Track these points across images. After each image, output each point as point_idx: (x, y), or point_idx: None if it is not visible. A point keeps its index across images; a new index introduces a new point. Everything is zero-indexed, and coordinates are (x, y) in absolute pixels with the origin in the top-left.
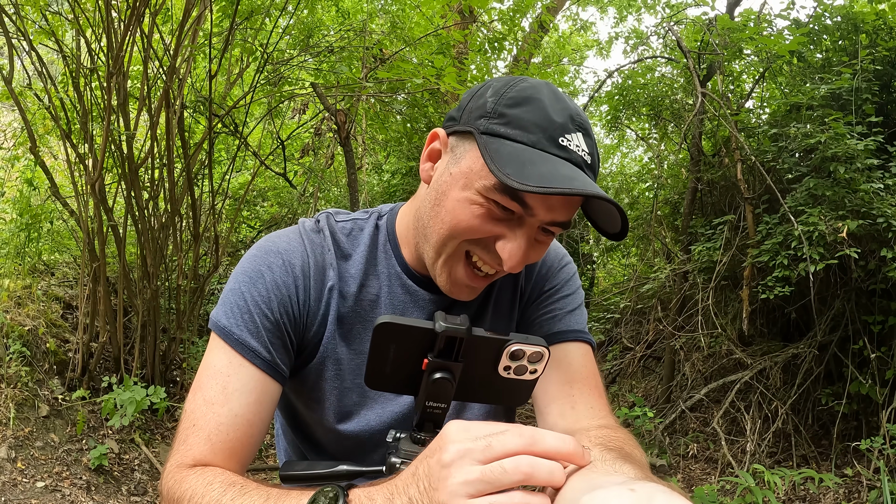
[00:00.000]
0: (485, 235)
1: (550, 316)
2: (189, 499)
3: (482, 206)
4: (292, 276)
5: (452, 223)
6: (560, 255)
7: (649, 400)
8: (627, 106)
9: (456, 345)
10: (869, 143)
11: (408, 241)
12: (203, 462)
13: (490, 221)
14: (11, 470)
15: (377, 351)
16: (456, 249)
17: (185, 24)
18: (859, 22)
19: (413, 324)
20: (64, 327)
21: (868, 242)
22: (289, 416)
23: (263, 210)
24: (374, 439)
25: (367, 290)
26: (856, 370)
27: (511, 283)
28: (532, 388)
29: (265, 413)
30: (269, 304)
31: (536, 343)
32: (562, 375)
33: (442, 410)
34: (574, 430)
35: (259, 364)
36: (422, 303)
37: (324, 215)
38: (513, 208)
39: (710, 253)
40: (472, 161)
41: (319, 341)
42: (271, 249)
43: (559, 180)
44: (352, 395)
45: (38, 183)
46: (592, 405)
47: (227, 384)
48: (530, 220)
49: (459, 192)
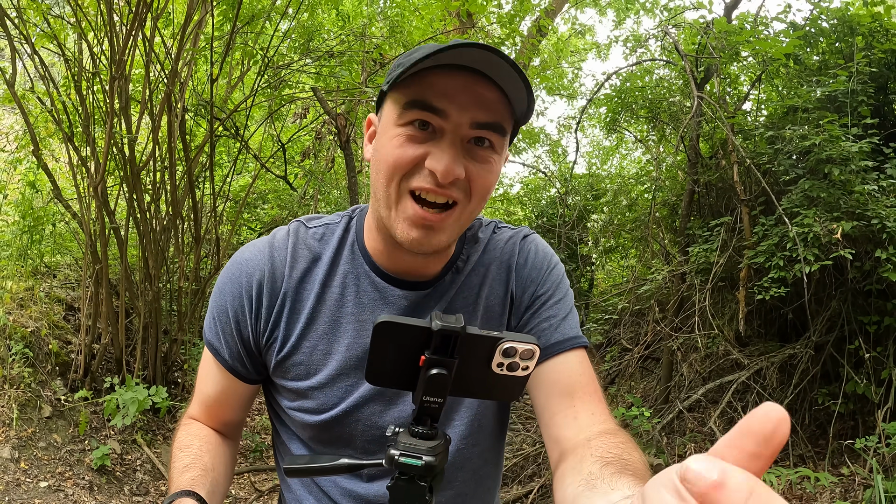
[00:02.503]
0: (413, 161)
1: (546, 325)
2: (175, 441)
3: (402, 136)
4: (246, 287)
5: (387, 168)
6: (548, 257)
7: (647, 400)
8: (626, 108)
9: (451, 342)
10: (864, 145)
11: (372, 234)
12: (195, 417)
13: (412, 145)
14: (15, 470)
15: (377, 348)
16: (398, 191)
17: (186, 28)
18: (855, 24)
19: (411, 322)
20: (66, 329)
21: (863, 243)
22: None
23: (264, 212)
24: (348, 428)
25: (330, 290)
26: (852, 370)
27: (502, 285)
28: (524, 384)
29: (235, 400)
30: (226, 315)
31: (528, 341)
32: (563, 388)
33: (438, 405)
34: (577, 440)
35: (223, 364)
36: (391, 299)
37: (295, 223)
38: (426, 118)
39: (707, 254)
40: (387, 111)
41: (285, 343)
42: (235, 261)
43: (445, 50)
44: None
45: (40, 186)
46: (593, 411)
47: (207, 372)
48: (450, 128)
49: (385, 141)
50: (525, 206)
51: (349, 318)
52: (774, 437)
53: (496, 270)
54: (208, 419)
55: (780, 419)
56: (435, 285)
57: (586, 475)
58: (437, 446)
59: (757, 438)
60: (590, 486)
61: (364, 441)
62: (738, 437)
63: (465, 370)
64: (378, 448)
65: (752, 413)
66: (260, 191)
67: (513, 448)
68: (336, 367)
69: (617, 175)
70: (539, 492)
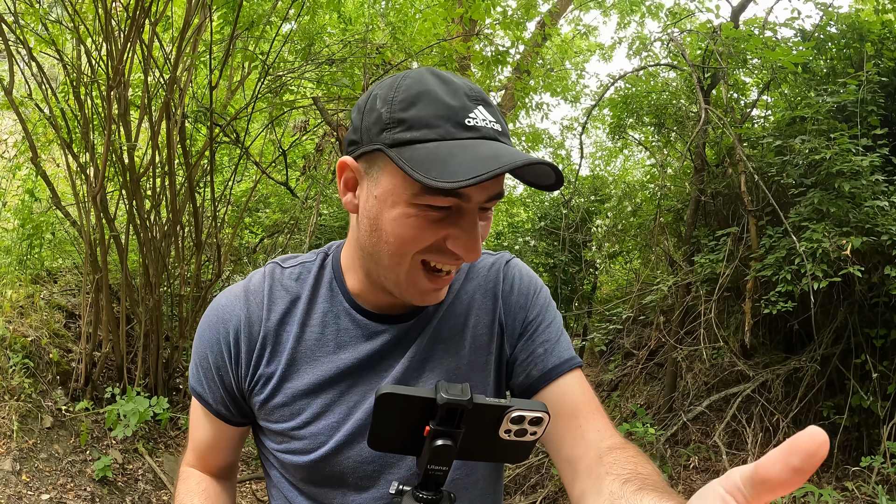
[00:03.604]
0: (432, 241)
1: (542, 351)
2: (176, 498)
3: (418, 217)
4: (223, 335)
5: (397, 243)
6: (533, 281)
7: (651, 408)
8: (631, 113)
9: (457, 414)
10: (874, 158)
11: (354, 273)
12: (190, 463)
13: (432, 226)
14: (16, 483)
15: (380, 419)
16: (411, 264)
17: (185, 34)
18: (865, 31)
19: (414, 393)
20: (67, 337)
21: (872, 257)
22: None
23: (266, 217)
24: (344, 470)
25: (310, 329)
26: (857, 383)
27: (488, 314)
28: (532, 447)
29: (226, 443)
30: (207, 362)
31: (537, 409)
32: (567, 410)
33: (443, 472)
34: (589, 458)
35: (209, 409)
36: (372, 334)
37: (271, 265)
38: (448, 204)
39: (713, 265)
40: (391, 177)
41: (266, 386)
42: (213, 307)
43: (487, 162)
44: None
45: (39, 193)
46: (599, 428)
47: (196, 418)
48: (468, 207)
49: (391, 211)
50: (528, 208)
51: (330, 356)
52: (816, 455)
53: (481, 298)
54: (203, 466)
55: (823, 441)
56: (418, 316)
57: (608, 495)
58: None
59: (801, 456)
60: None
61: (356, 478)
62: (785, 453)
63: (472, 437)
64: (371, 484)
65: (800, 433)
66: (261, 195)
67: None
68: (320, 406)
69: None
70: (542, 503)
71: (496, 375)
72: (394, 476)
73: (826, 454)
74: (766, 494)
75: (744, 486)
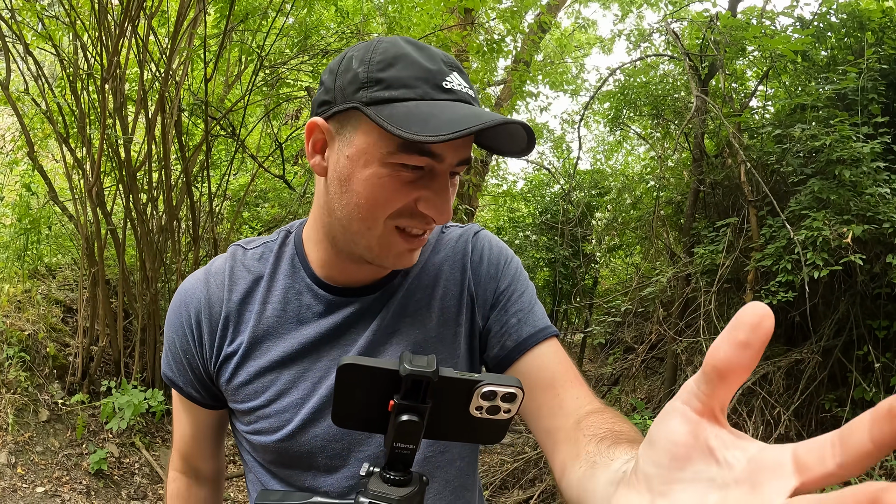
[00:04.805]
0: (403, 203)
1: (515, 321)
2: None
3: (391, 177)
4: (186, 318)
5: (368, 205)
6: (503, 251)
7: (652, 402)
8: (629, 105)
9: (422, 387)
10: (875, 145)
11: (318, 245)
12: (176, 466)
13: (404, 187)
14: (11, 475)
15: (342, 392)
16: (384, 228)
17: (180, 27)
18: (865, 20)
19: (377, 365)
20: (64, 331)
21: (874, 246)
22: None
23: (264, 211)
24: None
25: (271, 306)
26: (860, 376)
27: (457, 285)
28: (507, 427)
29: (204, 430)
30: (175, 346)
31: (509, 384)
32: (543, 380)
33: (410, 451)
34: (567, 426)
35: (180, 392)
36: (335, 308)
37: (233, 247)
38: (422, 164)
39: (712, 256)
40: (366, 135)
41: (228, 365)
42: (178, 291)
43: (467, 120)
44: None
45: (36, 188)
46: (577, 395)
47: (176, 411)
48: (440, 169)
49: (363, 171)
50: (529, 202)
51: (292, 332)
52: (761, 327)
53: (449, 270)
54: (188, 468)
55: (767, 313)
56: (383, 289)
57: (584, 457)
58: (411, 494)
59: (746, 329)
60: (590, 465)
61: (325, 458)
62: (730, 330)
63: (441, 414)
64: (341, 464)
65: (742, 309)
66: (259, 189)
67: (514, 451)
68: (284, 383)
69: (621, 172)
70: (540, 497)
71: (468, 348)
72: (363, 455)
73: (772, 326)
74: (722, 387)
75: (698, 387)
